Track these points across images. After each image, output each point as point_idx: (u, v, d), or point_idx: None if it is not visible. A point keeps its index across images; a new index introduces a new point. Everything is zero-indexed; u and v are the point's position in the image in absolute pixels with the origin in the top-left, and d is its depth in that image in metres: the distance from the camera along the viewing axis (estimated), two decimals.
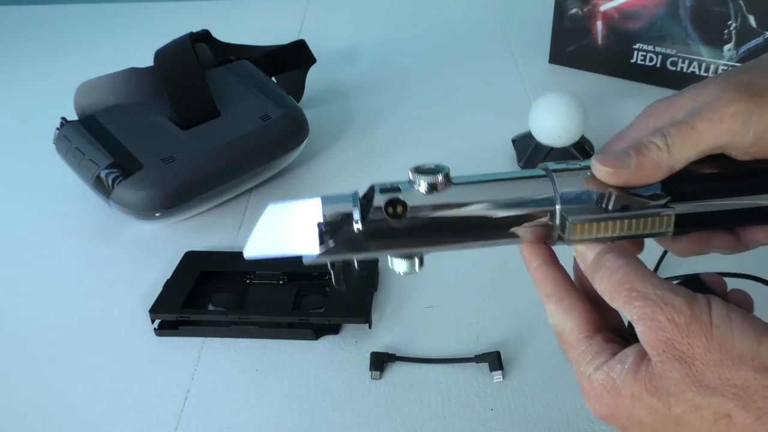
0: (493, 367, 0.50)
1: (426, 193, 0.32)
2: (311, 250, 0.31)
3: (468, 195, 0.32)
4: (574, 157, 0.70)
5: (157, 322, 0.56)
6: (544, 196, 0.32)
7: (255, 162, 0.69)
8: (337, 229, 0.31)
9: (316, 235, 0.31)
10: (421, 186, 0.32)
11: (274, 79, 0.84)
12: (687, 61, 0.85)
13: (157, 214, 0.65)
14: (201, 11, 1.24)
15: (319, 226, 0.31)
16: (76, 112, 0.71)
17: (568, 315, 0.32)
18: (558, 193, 0.32)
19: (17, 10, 1.29)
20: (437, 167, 0.32)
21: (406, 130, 0.83)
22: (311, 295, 0.57)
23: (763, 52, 0.80)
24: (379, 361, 0.51)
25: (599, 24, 0.89)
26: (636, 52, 0.88)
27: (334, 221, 0.31)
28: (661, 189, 0.32)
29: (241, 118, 0.71)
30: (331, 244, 0.31)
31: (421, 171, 0.32)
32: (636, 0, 0.85)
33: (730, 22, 0.80)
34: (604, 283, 0.31)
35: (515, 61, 0.99)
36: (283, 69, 0.87)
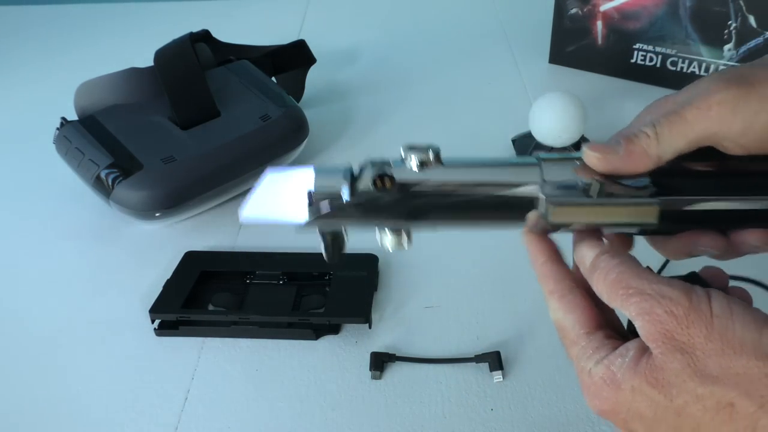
0: (493, 367, 0.50)
1: (415, 169, 0.32)
2: (301, 217, 0.32)
3: (456, 174, 0.33)
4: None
5: (157, 322, 0.56)
6: (530, 180, 0.32)
7: (255, 162, 0.69)
8: (325, 198, 0.32)
9: (306, 203, 0.32)
10: (412, 161, 0.32)
11: (274, 79, 0.84)
12: (687, 61, 0.85)
13: (157, 214, 0.65)
14: (201, 11, 1.24)
15: (309, 194, 0.32)
16: (76, 112, 0.71)
17: (570, 312, 0.32)
18: (543, 178, 0.32)
19: (17, 10, 1.29)
20: (429, 145, 0.33)
21: (406, 130, 0.83)
22: (311, 295, 0.57)
23: (764, 53, 0.80)
24: (379, 361, 0.51)
25: (599, 24, 0.89)
26: (636, 52, 0.88)
27: (324, 191, 0.32)
28: (650, 182, 0.32)
29: (241, 118, 0.71)
30: (319, 213, 0.32)
31: (413, 148, 0.33)
32: (636, 0, 0.85)
33: (730, 22, 0.80)
34: (600, 284, 0.31)
35: (515, 61, 0.99)
36: (283, 69, 0.87)
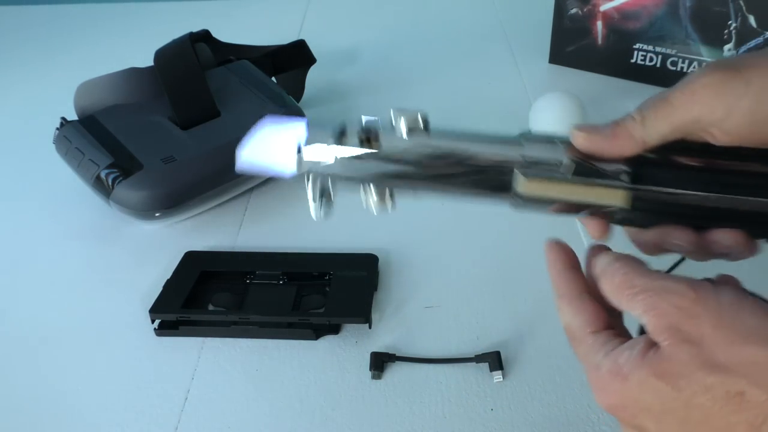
0: (493, 367, 0.50)
1: (402, 130, 0.33)
2: (290, 167, 0.34)
3: (440, 139, 0.34)
4: None
5: (157, 322, 0.56)
6: (511, 155, 0.33)
7: None
8: (314, 151, 0.34)
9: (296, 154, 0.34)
10: (400, 122, 0.33)
11: (274, 79, 0.84)
12: (687, 61, 0.85)
13: (157, 214, 0.65)
14: (201, 11, 1.24)
15: (298, 146, 0.33)
16: (76, 112, 0.71)
17: (578, 314, 0.32)
18: (523, 154, 0.33)
19: (17, 10, 1.29)
20: (418, 110, 0.34)
21: None
22: (311, 295, 0.57)
23: None
24: (379, 361, 0.51)
25: (599, 24, 0.89)
26: (636, 52, 0.88)
27: (313, 143, 0.34)
28: (629, 170, 0.32)
29: (241, 118, 0.71)
30: (305, 165, 0.34)
31: (402, 110, 0.34)
32: (636, 0, 0.85)
33: (730, 22, 0.80)
34: (607, 287, 0.31)
35: (515, 61, 0.99)
36: (283, 69, 0.87)
